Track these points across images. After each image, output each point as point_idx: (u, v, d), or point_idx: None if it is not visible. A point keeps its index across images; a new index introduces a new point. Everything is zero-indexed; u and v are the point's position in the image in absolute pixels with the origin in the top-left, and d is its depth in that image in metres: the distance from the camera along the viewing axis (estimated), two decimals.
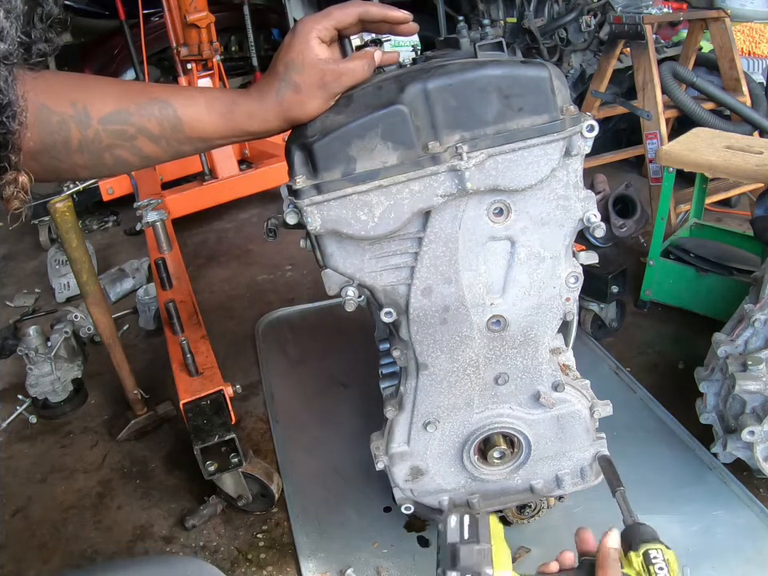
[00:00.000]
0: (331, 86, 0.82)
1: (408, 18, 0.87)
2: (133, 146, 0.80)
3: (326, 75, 0.81)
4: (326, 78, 0.81)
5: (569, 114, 0.86)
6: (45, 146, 0.75)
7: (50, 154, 0.76)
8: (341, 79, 0.82)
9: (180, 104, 0.81)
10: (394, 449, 1.11)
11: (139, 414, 1.75)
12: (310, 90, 0.81)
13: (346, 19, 0.84)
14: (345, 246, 0.92)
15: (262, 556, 1.37)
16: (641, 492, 1.37)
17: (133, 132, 0.79)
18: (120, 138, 0.79)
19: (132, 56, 3.42)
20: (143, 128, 0.80)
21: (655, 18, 2.42)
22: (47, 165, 0.77)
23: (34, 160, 0.76)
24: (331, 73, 0.82)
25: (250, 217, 3.09)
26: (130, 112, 0.79)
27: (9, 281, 2.77)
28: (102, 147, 0.79)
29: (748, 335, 1.34)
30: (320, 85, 0.82)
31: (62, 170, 0.79)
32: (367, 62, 0.84)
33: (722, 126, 2.43)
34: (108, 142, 0.79)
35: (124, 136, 0.79)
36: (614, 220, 2.30)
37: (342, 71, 0.82)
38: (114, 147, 0.80)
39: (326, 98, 0.83)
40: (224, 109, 0.82)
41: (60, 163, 0.77)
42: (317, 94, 0.82)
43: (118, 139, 0.79)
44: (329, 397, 1.78)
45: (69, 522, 1.51)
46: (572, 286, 0.99)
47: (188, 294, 1.92)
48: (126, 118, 0.79)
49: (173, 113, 0.80)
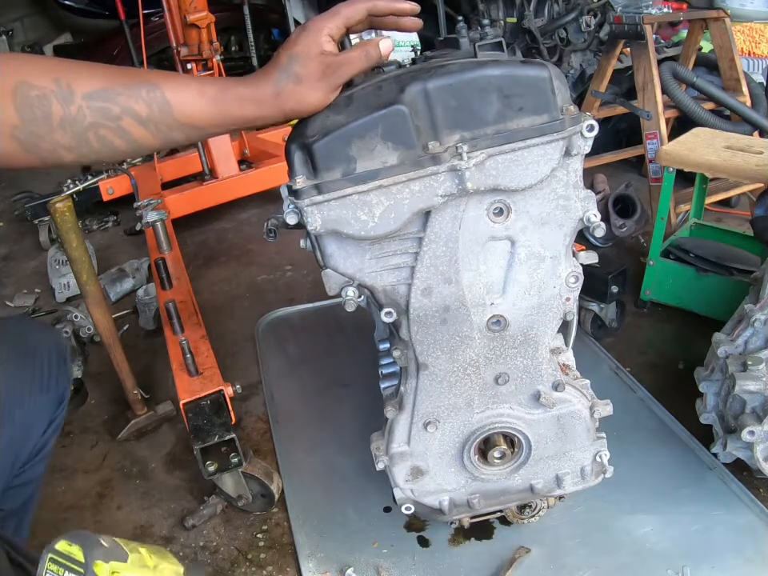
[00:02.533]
0: (331, 78, 0.82)
1: (415, 8, 0.88)
2: (118, 126, 0.78)
3: (327, 67, 0.81)
4: (327, 69, 0.81)
5: (569, 114, 0.86)
6: (23, 121, 0.74)
7: (28, 129, 0.75)
8: (340, 70, 0.82)
9: (169, 87, 0.79)
10: (395, 449, 1.11)
11: (139, 414, 1.75)
12: (310, 81, 0.81)
13: (356, 15, 0.85)
14: (345, 246, 0.92)
15: (262, 556, 1.37)
16: (641, 492, 1.38)
17: (118, 112, 0.77)
18: (104, 116, 0.77)
19: (132, 56, 3.42)
20: (129, 108, 0.77)
21: (655, 17, 2.42)
22: (28, 142, 0.76)
23: (14, 138, 0.75)
24: (331, 64, 0.81)
25: (250, 217, 3.09)
26: (117, 91, 0.77)
27: (9, 281, 2.77)
28: (85, 125, 0.77)
29: (748, 335, 1.34)
30: (320, 77, 0.81)
31: (44, 148, 0.77)
32: (365, 52, 0.83)
33: (722, 126, 2.42)
34: (91, 120, 0.77)
35: (108, 114, 0.77)
36: (614, 220, 2.30)
37: (341, 62, 0.82)
38: (98, 126, 0.77)
39: (326, 91, 0.83)
40: (215, 93, 0.81)
41: (41, 141, 0.76)
42: (317, 86, 0.82)
43: (102, 118, 0.77)
44: (329, 397, 1.78)
45: (69, 521, 1.51)
46: (572, 285, 0.99)
47: (188, 294, 1.92)
48: (111, 96, 0.77)
49: (161, 95, 0.78)
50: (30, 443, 1.04)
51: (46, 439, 1.09)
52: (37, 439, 1.06)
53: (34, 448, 1.05)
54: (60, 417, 1.12)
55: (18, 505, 1.07)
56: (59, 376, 1.11)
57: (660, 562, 1.24)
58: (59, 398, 1.11)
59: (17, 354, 1.04)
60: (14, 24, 5.00)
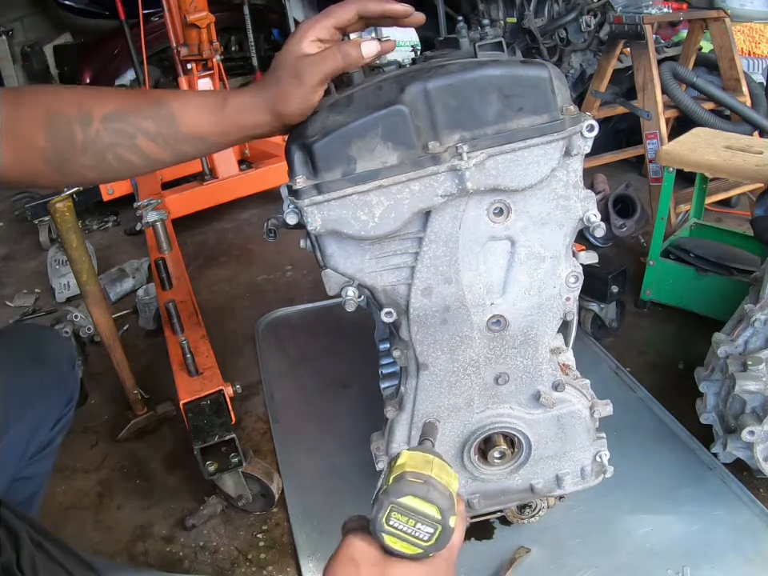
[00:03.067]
0: (304, 77, 0.81)
1: (409, 11, 0.87)
2: (133, 144, 0.83)
3: (299, 67, 0.82)
4: (299, 69, 0.82)
5: (569, 114, 0.86)
6: (53, 145, 0.82)
7: (57, 153, 0.82)
8: (312, 68, 0.81)
9: (175, 102, 0.84)
10: (395, 449, 1.11)
11: (139, 414, 1.75)
12: (288, 82, 0.82)
13: (345, 15, 0.85)
14: (345, 246, 0.92)
15: (262, 556, 1.37)
16: (641, 492, 1.38)
17: (132, 131, 0.83)
18: (120, 136, 0.83)
19: (132, 56, 3.41)
20: (141, 126, 0.83)
21: (655, 17, 2.42)
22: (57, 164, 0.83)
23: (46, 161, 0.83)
24: (303, 64, 0.82)
25: (250, 217, 3.09)
26: (129, 112, 0.83)
27: (9, 281, 2.77)
28: (104, 146, 0.83)
29: (748, 335, 1.34)
30: (294, 75, 0.82)
31: (71, 169, 0.84)
32: (340, 51, 0.82)
33: (722, 126, 2.43)
34: (109, 141, 0.82)
35: (124, 134, 0.83)
36: (614, 220, 2.30)
37: (313, 61, 0.82)
38: (115, 146, 0.83)
39: (303, 92, 0.82)
40: (216, 103, 0.84)
41: (68, 163, 0.83)
42: (292, 85, 0.82)
43: (118, 137, 0.83)
44: (329, 397, 1.78)
45: (69, 521, 1.51)
46: (572, 285, 0.99)
47: (188, 294, 1.92)
48: (124, 117, 0.82)
49: (168, 111, 0.83)
50: (37, 438, 1.11)
51: (53, 435, 1.16)
52: (45, 434, 1.13)
53: (41, 443, 1.12)
54: (67, 417, 1.19)
55: (25, 497, 1.12)
56: (68, 379, 1.21)
57: (660, 562, 1.24)
58: (68, 399, 1.19)
59: (33, 357, 1.14)
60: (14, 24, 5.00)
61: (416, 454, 0.66)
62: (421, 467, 0.64)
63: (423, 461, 0.65)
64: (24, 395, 1.07)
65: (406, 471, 0.63)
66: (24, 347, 1.15)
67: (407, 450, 0.67)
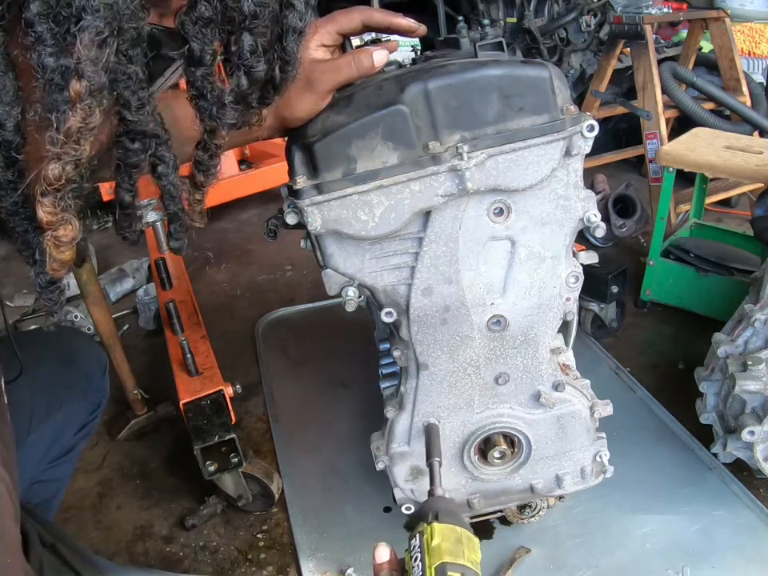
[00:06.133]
0: (316, 85, 0.81)
1: (413, 26, 0.87)
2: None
3: (311, 73, 0.81)
4: (312, 76, 0.81)
5: (569, 114, 0.86)
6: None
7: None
8: (325, 77, 0.81)
9: (178, 103, 0.82)
10: (395, 449, 1.11)
11: (139, 414, 1.75)
12: (298, 90, 0.81)
13: (350, 24, 0.85)
14: (345, 246, 0.92)
15: (262, 556, 1.37)
16: (641, 492, 1.38)
17: None
18: None
19: None
20: None
21: (655, 17, 2.42)
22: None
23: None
24: (316, 71, 0.81)
25: (250, 217, 3.09)
26: None
27: (9, 281, 2.76)
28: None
29: (748, 335, 1.34)
30: (305, 83, 0.81)
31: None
32: (354, 60, 0.82)
33: (722, 126, 2.43)
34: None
35: None
36: (614, 220, 2.30)
37: (327, 68, 0.81)
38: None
39: (314, 99, 0.82)
40: None
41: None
42: (304, 93, 0.82)
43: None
44: (329, 397, 1.78)
45: (69, 521, 1.51)
46: (572, 285, 0.99)
47: (188, 294, 1.92)
48: None
49: (170, 113, 0.81)
50: (60, 442, 1.10)
51: (76, 441, 1.15)
52: (68, 439, 1.12)
53: (63, 448, 1.12)
54: (92, 423, 1.18)
55: (42, 499, 1.12)
56: (98, 386, 1.19)
57: (660, 562, 1.24)
58: (95, 405, 1.19)
59: (65, 361, 1.13)
60: None
61: (447, 530, 0.66)
62: (455, 552, 0.64)
63: (455, 540, 0.65)
64: (51, 398, 1.06)
65: (446, 563, 0.63)
66: (57, 349, 1.13)
67: (438, 525, 0.67)
